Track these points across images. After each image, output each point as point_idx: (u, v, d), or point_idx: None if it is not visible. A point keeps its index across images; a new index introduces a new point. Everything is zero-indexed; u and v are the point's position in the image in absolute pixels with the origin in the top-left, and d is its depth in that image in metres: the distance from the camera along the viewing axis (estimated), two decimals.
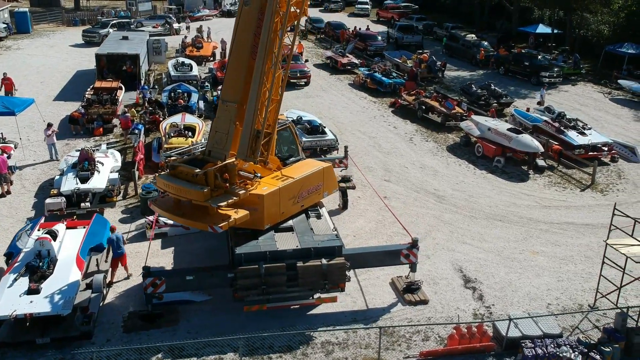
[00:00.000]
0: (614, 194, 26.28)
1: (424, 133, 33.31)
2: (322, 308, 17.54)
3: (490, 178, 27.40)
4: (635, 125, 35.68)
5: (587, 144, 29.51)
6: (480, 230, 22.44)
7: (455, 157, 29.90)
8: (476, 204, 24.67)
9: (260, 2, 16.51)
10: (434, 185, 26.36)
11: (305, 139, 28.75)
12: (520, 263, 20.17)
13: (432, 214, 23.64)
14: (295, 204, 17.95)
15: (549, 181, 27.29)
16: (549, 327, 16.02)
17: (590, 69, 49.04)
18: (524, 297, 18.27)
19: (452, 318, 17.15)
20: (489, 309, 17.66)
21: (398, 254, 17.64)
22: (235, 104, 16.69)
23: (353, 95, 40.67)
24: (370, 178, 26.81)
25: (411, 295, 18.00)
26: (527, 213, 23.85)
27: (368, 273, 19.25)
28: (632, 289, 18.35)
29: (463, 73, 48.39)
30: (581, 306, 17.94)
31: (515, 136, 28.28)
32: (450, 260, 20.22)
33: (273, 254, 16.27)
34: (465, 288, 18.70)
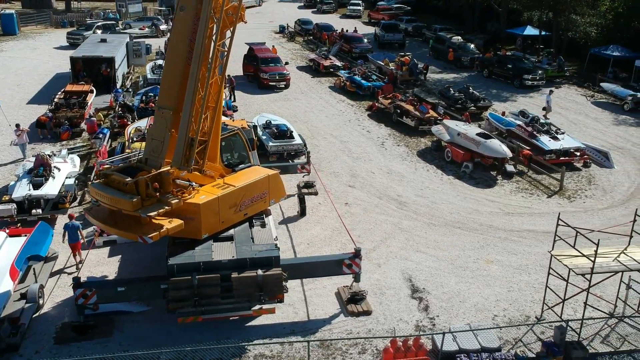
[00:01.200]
0: (582, 200, 25.85)
1: (396, 137, 32.92)
2: (261, 319, 17.19)
3: (456, 184, 26.99)
4: (614, 130, 35.22)
5: (559, 149, 29.08)
6: (437, 237, 22.05)
7: (425, 162, 29.51)
8: (437, 210, 24.28)
9: (196, 8, 16.17)
10: (398, 191, 25.98)
11: (272, 144, 28.43)
12: (472, 272, 19.77)
13: (391, 220, 23.25)
14: (238, 212, 17.59)
15: (517, 187, 26.86)
16: (488, 341, 15.62)
17: (576, 72, 48.50)
18: (471, 309, 17.86)
19: (392, 330, 16.68)
20: (432, 321, 17.28)
21: (340, 264, 17.27)
22: (170, 110, 16.32)
23: (331, 99, 40.31)
24: (335, 184, 26.50)
25: (354, 306, 17.63)
26: (488, 220, 23.44)
27: (315, 283, 18.87)
28: (583, 300, 17.87)
29: (447, 75, 47.99)
30: (528, 318, 17.54)
31: (483, 141, 27.88)
32: (401, 269, 19.84)
33: (207, 264, 15.92)
34: (412, 298, 18.31)
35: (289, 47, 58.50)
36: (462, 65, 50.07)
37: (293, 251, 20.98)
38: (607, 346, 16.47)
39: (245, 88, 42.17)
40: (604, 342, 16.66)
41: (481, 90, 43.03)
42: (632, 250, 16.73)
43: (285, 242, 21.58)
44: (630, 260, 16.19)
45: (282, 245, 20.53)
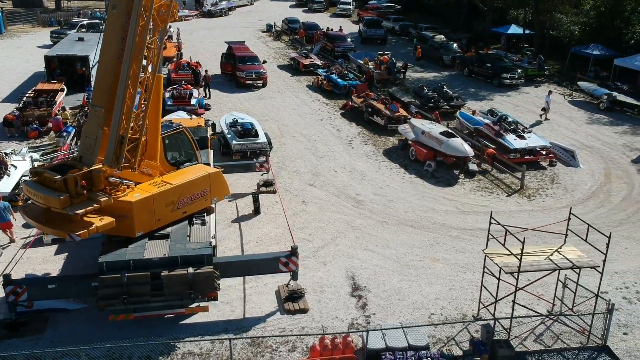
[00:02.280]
0: (541, 199, 25.81)
1: (365, 136, 32.90)
2: (197, 317, 17.20)
3: (417, 182, 26.98)
4: (586, 129, 35.14)
5: (524, 148, 28.98)
6: (387, 236, 22.04)
7: (389, 160, 29.50)
8: (393, 209, 24.27)
9: (128, 6, 16.19)
10: (357, 190, 25.98)
11: (235, 142, 28.49)
12: (416, 271, 19.76)
13: (344, 219, 23.25)
14: (175, 210, 17.61)
15: (477, 186, 26.83)
16: (416, 339, 15.62)
17: (558, 71, 48.40)
18: (409, 307, 17.86)
19: (326, 328, 16.69)
20: (368, 319, 17.28)
21: (276, 261, 17.28)
22: (102, 109, 16.34)
23: (307, 97, 40.30)
24: (296, 182, 26.56)
25: (291, 304, 17.65)
26: (442, 219, 23.42)
27: (257, 281, 18.90)
28: (521, 298, 17.87)
29: (428, 75, 47.93)
30: (465, 316, 17.53)
31: (445, 140, 27.85)
32: (346, 267, 19.83)
33: (138, 262, 15.94)
34: (351, 296, 18.31)
35: (273, 45, 58.55)
36: (443, 64, 49.91)
37: (241, 249, 20.93)
38: (540, 345, 16.36)
39: (223, 87, 42.21)
40: (537, 340, 16.56)
41: (459, 89, 43.02)
42: (567, 249, 16.70)
43: (235, 240, 21.59)
44: (563, 259, 16.12)
45: (231, 243, 20.65)
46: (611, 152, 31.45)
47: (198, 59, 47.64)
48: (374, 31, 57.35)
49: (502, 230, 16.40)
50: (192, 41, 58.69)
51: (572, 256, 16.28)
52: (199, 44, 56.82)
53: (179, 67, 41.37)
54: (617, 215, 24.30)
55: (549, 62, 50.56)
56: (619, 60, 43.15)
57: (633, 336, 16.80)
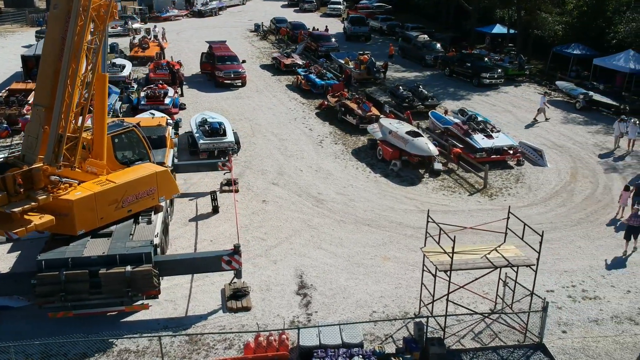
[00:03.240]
0: (503, 198, 25.88)
1: (337, 135, 33.00)
2: (139, 315, 17.34)
3: (381, 182, 27.06)
4: (560, 128, 35.18)
5: (490, 147, 29.02)
6: (342, 235, 22.14)
7: (357, 160, 29.58)
8: (353, 208, 24.36)
9: (68, 5, 16.31)
10: (320, 189, 26.07)
11: (202, 142, 28.63)
12: (366, 269, 19.85)
13: (302, 218, 23.37)
14: (120, 209, 17.74)
15: (441, 185, 26.90)
16: (351, 337, 15.68)
17: (540, 70, 48.43)
18: (352, 305, 17.96)
19: (266, 325, 16.81)
20: (309, 317, 17.39)
21: (218, 260, 17.37)
22: (44, 107, 16.48)
23: (285, 97, 40.43)
24: (260, 181, 26.70)
25: (234, 302, 17.76)
26: (400, 217, 23.51)
27: (204, 279, 19.02)
28: (461, 297, 18.03)
29: (409, 74, 48.03)
30: (407, 314, 17.64)
31: (410, 139, 27.93)
32: (296, 266, 19.95)
33: (76, 260, 16.06)
34: (297, 295, 18.41)
35: (259, 45, 58.69)
36: (426, 64, 49.98)
37: (194, 248, 20.99)
38: (477, 343, 16.43)
39: (202, 86, 42.38)
40: (476, 339, 16.63)
41: (439, 89, 43.15)
42: (506, 247, 16.76)
43: (189, 239, 21.72)
44: (500, 258, 16.17)
45: (185, 242, 20.76)
46: (581, 151, 31.48)
47: (182, 58, 47.82)
48: (358, 28, 58.05)
49: (451, 228, 16.42)
50: (179, 41, 58.89)
51: (509, 255, 16.34)
52: (184, 44, 57.00)
53: (158, 67, 41.45)
54: (576, 215, 24.33)
55: (533, 62, 50.59)
56: (598, 60, 43.17)
57: (571, 334, 16.87)
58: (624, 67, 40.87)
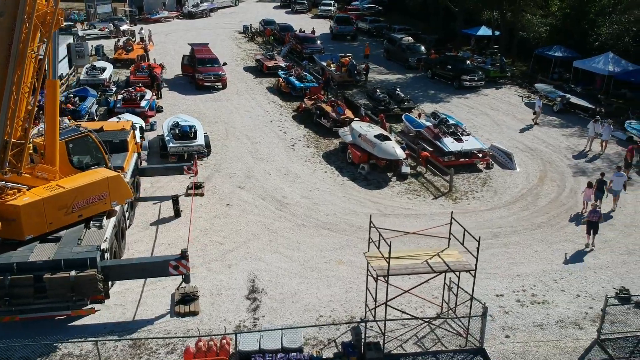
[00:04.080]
0: (467, 202, 26.00)
1: (310, 138, 33.15)
2: (88, 319, 17.53)
3: (348, 185, 27.21)
4: (535, 131, 35.31)
5: (459, 151, 29.14)
6: (301, 239, 22.30)
7: (327, 163, 29.73)
8: (315, 211, 24.51)
9: (14, 13, 16.44)
10: (285, 193, 26.23)
11: (172, 145, 28.80)
12: (319, 273, 20.01)
13: (263, 222, 23.53)
14: (69, 214, 17.92)
15: (407, 189, 27.04)
16: (291, 341, 15.84)
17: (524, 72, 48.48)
18: (300, 309, 18.12)
19: (211, 330, 16.95)
20: (256, 321, 17.56)
21: (165, 265, 17.52)
22: None
23: (264, 100, 40.60)
24: (227, 185, 26.91)
25: (183, 307, 17.89)
26: (360, 221, 23.63)
27: (157, 284, 19.19)
28: (410, 301, 18.16)
29: (392, 76, 48.15)
30: (353, 318, 17.75)
31: (378, 143, 28.05)
32: (249, 270, 20.12)
33: (21, 265, 16.22)
34: (246, 299, 18.58)
35: (246, 47, 58.83)
36: (409, 66, 50.07)
37: (151, 252, 21.15)
38: (419, 347, 16.57)
39: (183, 89, 42.55)
40: (418, 343, 16.76)
41: (420, 91, 43.30)
42: (448, 252, 16.88)
43: (148, 243, 21.89)
44: (440, 263, 16.29)
45: (143, 246, 20.93)
46: (553, 154, 31.57)
47: (167, 60, 48.03)
48: (344, 27, 58.76)
49: (394, 233, 16.57)
50: (166, 42, 59.05)
51: (450, 260, 16.47)
52: (171, 46, 57.16)
53: (138, 70, 41.64)
54: (538, 219, 24.45)
55: (517, 64, 50.66)
56: (578, 62, 43.26)
57: (514, 339, 16.99)
58: (602, 69, 40.91)
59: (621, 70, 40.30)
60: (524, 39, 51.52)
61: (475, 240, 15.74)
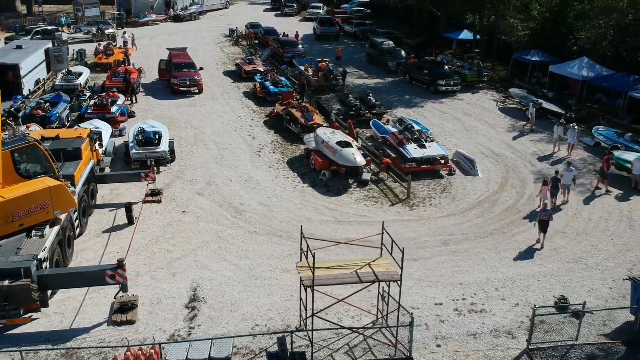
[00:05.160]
0: (423, 208, 26.15)
1: (278, 144, 33.32)
2: (24, 327, 17.72)
3: (307, 192, 27.37)
4: (504, 137, 35.41)
5: (421, 157, 29.28)
6: (250, 247, 22.49)
7: (290, 169, 29.89)
8: (270, 219, 24.68)
9: None
10: (243, 199, 26.42)
11: (135, 151, 28.98)
12: (262, 281, 20.17)
13: (216, 229, 23.72)
14: (10, 223, 18.16)
15: (365, 195, 27.19)
16: (219, 351, 16.03)
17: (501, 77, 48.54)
18: (237, 318, 18.31)
19: (145, 339, 17.13)
20: (191, 330, 17.74)
21: (102, 274, 17.69)
22: None
23: (238, 104, 40.78)
24: (186, 191, 27.12)
25: (120, 316, 18.07)
26: (313, 229, 23.80)
27: (98, 292, 19.33)
28: (347, 309, 18.36)
29: (371, 81, 48.31)
30: (288, 327, 17.87)
31: (338, 149, 28.21)
32: (193, 278, 20.28)
33: None
34: (185, 308, 18.74)
35: (229, 50, 59.03)
36: (389, 70, 50.21)
37: (100, 260, 21.33)
38: (349, 357, 16.73)
39: (159, 93, 42.76)
40: (349, 352, 16.91)
41: (396, 95, 43.47)
42: (379, 262, 17.03)
43: (97, 250, 22.08)
44: (369, 273, 16.44)
45: (92, 254, 21.14)
46: (518, 160, 31.69)
47: (149, 64, 48.20)
48: (327, 28, 59.49)
49: (324, 243, 16.72)
50: (151, 46, 59.29)
51: (379, 269, 16.63)
52: (155, 49, 57.35)
53: (114, 74, 41.87)
54: (491, 226, 24.59)
55: (498, 68, 50.73)
56: (554, 67, 43.34)
57: (445, 348, 17.13)
58: (577, 74, 40.96)
59: (595, 75, 40.34)
60: (505, 42, 51.55)
61: (402, 250, 15.81)
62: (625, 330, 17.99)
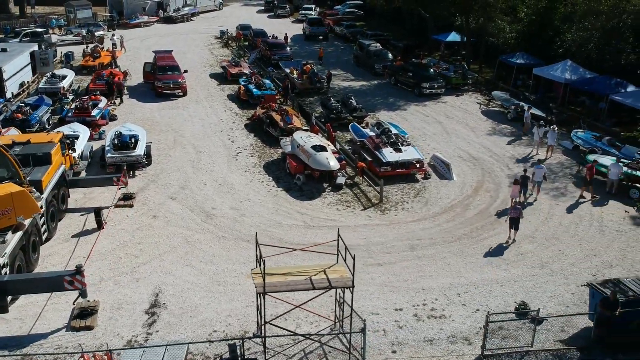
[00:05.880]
0: (394, 213, 26.24)
1: (257, 148, 33.41)
2: None
3: (280, 196, 27.45)
4: (484, 140, 35.45)
5: (396, 161, 29.33)
6: (217, 252, 22.58)
7: (265, 174, 29.97)
8: (240, 223, 24.78)
9: None
10: (215, 204, 26.49)
11: (110, 155, 29.07)
12: (224, 287, 20.25)
13: (185, 234, 23.80)
14: None
15: (338, 199, 27.24)
16: (172, 357, 16.09)
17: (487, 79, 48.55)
18: (196, 324, 18.38)
19: (101, 345, 17.21)
20: (149, 336, 17.83)
21: (60, 280, 17.78)
22: None
23: (221, 107, 40.87)
24: (159, 195, 27.30)
25: (79, 321, 18.16)
26: (282, 233, 23.89)
27: (62, 297, 19.47)
28: (307, 315, 18.49)
29: (357, 83, 48.36)
30: (246, 333, 17.95)
31: (313, 154, 28.26)
32: (156, 284, 20.37)
33: None
34: (145, 314, 18.82)
35: (218, 52, 59.13)
36: (375, 72, 50.26)
37: (66, 265, 21.41)
38: None
39: (143, 96, 42.86)
40: (304, 359, 16.95)
41: (380, 98, 43.52)
42: (335, 269, 17.10)
43: (65, 255, 22.21)
44: (324, 280, 16.52)
45: (59, 259, 21.28)
46: (495, 164, 31.72)
47: (137, 67, 48.29)
48: (316, 29, 59.78)
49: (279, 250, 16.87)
50: (140, 48, 59.37)
51: (334, 276, 16.69)
52: (143, 52, 57.33)
53: (98, 77, 41.98)
54: (460, 230, 24.64)
55: (485, 70, 50.73)
56: (538, 70, 43.36)
57: (400, 354, 17.21)
58: (560, 77, 40.95)
59: (578, 78, 40.31)
60: (493, 45, 51.52)
61: (352, 257, 15.89)
62: (582, 336, 17.94)
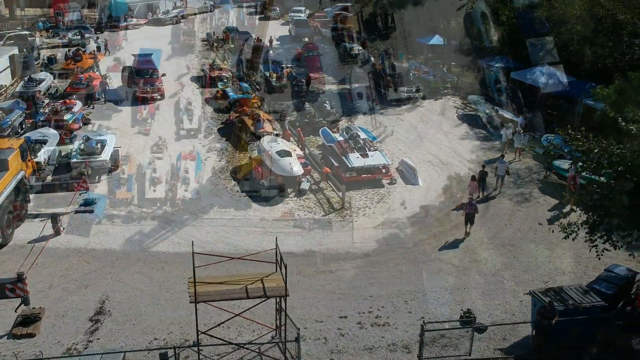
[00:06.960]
0: (355, 218, 26.14)
1: (227, 152, 33.52)
2: None
3: (243, 202, 27.60)
4: (456, 144, 35.45)
5: (361, 166, 29.34)
6: (170, 258, 22.72)
7: (231, 179, 29.95)
8: (197, 229, 24.77)
9: None
10: (176, 209, 26.42)
11: (74, 160, 29.18)
12: (172, 295, 20.30)
13: (140, 240, 23.78)
14: None
15: (301, 205, 27.31)
16: None
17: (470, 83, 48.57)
18: (138, 332, 18.47)
19: (41, 353, 17.26)
20: (88, 344, 17.88)
21: (2, 287, 17.82)
22: None
23: (197, 111, 40.82)
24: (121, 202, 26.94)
25: (21, 329, 18.21)
26: (239, 240, 24.02)
27: (8, 304, 19.50)
28: (250, 324, 18.60)
29: (338, 87, 48.20)
30: (186, 341, 17.98)
31: (277, 159, 28.29)
32: (105, 291, 20.46)
33: None
34: (89, 321, 18.89)
35: (203, 55, 59.00)
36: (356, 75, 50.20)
37: None
38: None
39: (121, 100, 42.72)
40: None
41: (357, 102, 43.32)
42: (273, 277, 17.16)
43: (17, 262, 22.20)
44: (260, 289, 16.57)
45: (12, 265, 21.42)
46: (464, 169, 31.76)
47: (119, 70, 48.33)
48: (302, 30, 59.44)
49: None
50: (127, 51, 59.21)
51: (270, 285, 16.72)
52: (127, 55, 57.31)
53: (76, 82, 42.06)
54: (418, 236, 24.71)
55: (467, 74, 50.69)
56: (515, 74, 43.28)
57: None
58: (536, 81, 40.87)
59: (554, 82, 40.22)
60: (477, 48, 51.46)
61: (285, 266, 15.99)
62: (522, 345, 17.95)
